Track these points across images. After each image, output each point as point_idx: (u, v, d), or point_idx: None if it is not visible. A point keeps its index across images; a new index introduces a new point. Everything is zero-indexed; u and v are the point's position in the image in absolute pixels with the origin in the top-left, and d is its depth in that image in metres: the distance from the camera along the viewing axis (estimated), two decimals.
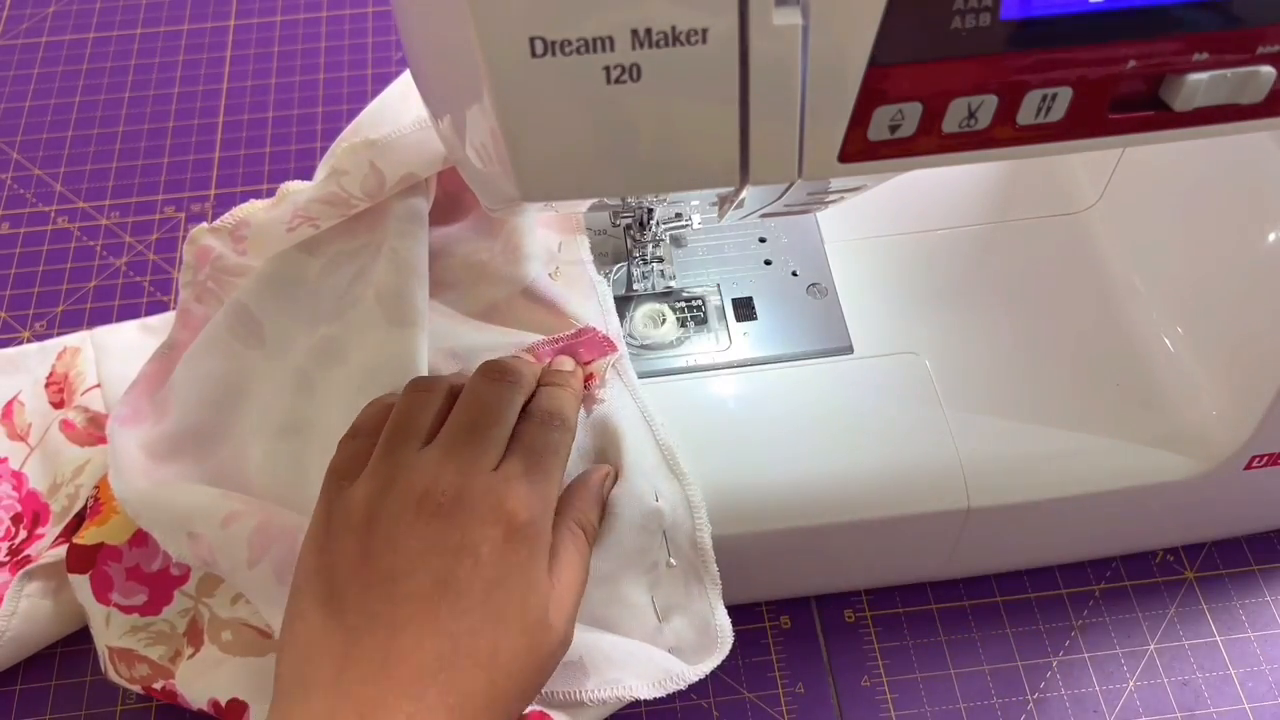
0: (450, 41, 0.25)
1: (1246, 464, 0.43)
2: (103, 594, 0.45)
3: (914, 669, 0.46)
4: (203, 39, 0.72)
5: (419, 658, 0.31)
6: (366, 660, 0.31)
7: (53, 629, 0.47)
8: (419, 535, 0.33)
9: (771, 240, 0.50)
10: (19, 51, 0.71)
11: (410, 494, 0.34)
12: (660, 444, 0.41)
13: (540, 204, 0.39)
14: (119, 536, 0.46)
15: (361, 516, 0.34)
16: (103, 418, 0.51)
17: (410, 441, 0.36)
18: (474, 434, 0.35)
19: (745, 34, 0.24)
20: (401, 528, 0.33)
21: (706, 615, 0.40)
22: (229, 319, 0.45)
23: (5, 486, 0.50)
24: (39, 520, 0.49)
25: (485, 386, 0.37)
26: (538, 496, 0.35)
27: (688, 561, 0.40)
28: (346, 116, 0.67)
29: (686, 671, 0.38)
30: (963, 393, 0.44)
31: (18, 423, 0.52)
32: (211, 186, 0.64)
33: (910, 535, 0.43)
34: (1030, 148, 0.27)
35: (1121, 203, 0.49)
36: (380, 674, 0.31)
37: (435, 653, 0.31)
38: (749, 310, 0.47)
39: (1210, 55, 0.25)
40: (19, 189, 0.64)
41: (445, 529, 0.33)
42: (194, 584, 0.46)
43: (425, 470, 0.34)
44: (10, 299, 0.59)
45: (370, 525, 0.34)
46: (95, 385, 0.53)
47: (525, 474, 0.35)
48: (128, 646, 0.45)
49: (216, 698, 0.42)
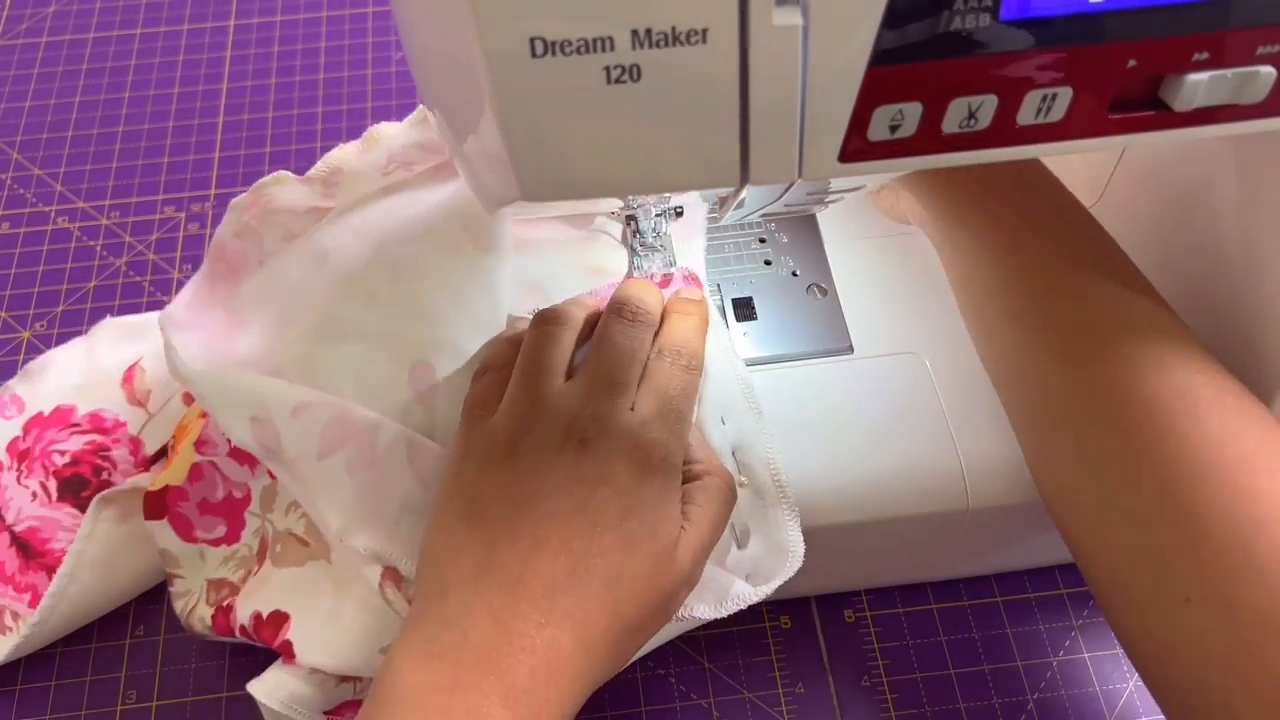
0: (450, 42, 0.25)
1: None
2: (187, 533, 0.46)
3: (914, 669, 0.46)
4: (203, 39, 0.72)
5: (552, 571, 0.34)
6: (503, 569, 0.34)
7: (130, 560, 0.47)
8: (561, 465, 0.35)
9: (771, 240, 0.50)
10: (19, 51, 0.71)
11: (554, 428, 0.36)
12: (739, 377, 0.43)
13: (540, 204, 0.39)
14: (179, 476, 0.46)
15: (505, 446, 0.36)
16: None
17: (547, 377, 0.38)
18: (612, 376, 0.38)
19: (745, 34, 0.24)
20: (545, 457, 0.36)
21: (779, 536, 0.40)
22: (302, 257, 0.44)
23: (123, 451, 0.51)
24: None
25: (618, 328, 0.39)
26: (672, 436, 0.37)
27: (761, 485, 0.41)
28: (346, 116, 0.67)
29: (749, 592, 0.39)
30: (963, 393, 0.44)
31: (138, 388, 0.53)
32: (211, 186, 0.64)
33: (910, 535, 0.43)
34: (1030, 148, 0.27)
35: (1121, 203, 0.49)
36: (515, 582, 0.33)
37: (567, 568, 0.34)
38: (749, 310, 0.47)
39: (1210, 55, 0.25)
40: (19, 189, 0.64)
41: (585, 461, 0.35)
42: (256, 501, 0.46)
43: (567, 407, 0.37)
44: (10, 299, 0.60)
45: (513, 453, 0.36)
46: None
47: (659, 414, 0.37)
48: (223, 576, 0.45)
49: (259, 610, 0.42)
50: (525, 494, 0.35)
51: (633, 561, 0.34)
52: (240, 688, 0.41)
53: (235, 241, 0.46)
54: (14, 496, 0.50)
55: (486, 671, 0.32)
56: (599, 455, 0.35)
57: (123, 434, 0.52)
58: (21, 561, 0.48)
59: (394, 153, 0.44)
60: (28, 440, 0.51)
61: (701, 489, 0.38)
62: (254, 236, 0.46)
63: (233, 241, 0.46)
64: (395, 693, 0.32)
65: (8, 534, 0.49)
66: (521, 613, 0.33)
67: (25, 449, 0.51)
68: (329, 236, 0.45)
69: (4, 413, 0.52)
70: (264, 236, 0.46)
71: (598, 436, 0.36)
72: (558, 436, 0.36)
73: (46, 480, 0.50)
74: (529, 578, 0.34)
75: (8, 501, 0.50)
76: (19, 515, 0.49)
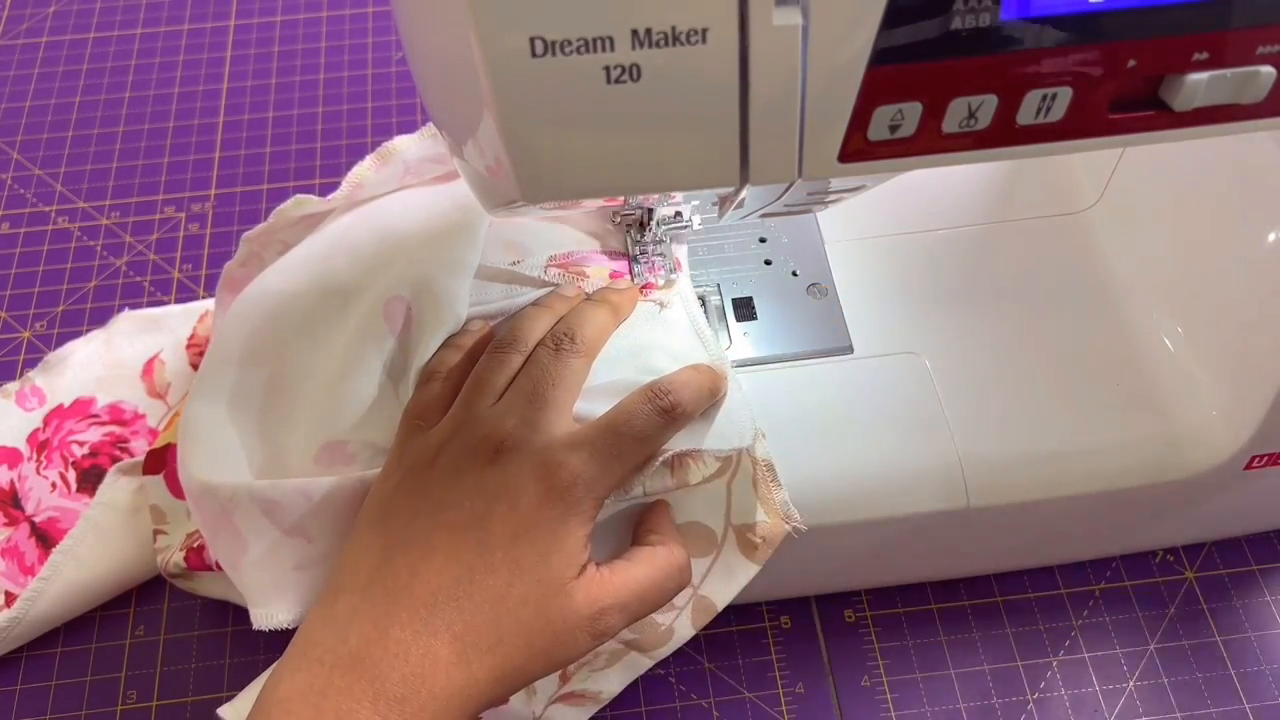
0: (450, 42, 0.25)
1: (1246, 464, 0.43)
2: (177, 490, 0.46)
3: (914, 669, 0.46)
4: (203, 39, 0.72)
5: (439, 582, 0.33)
6: (394, 576, 0.34)
7: (134, 528, 0.48)
8: (470, 475, 0.35)
9: (771, 240, 0.50)
10: (19, 51, 0.71)
11: (472, 438, 0.36)
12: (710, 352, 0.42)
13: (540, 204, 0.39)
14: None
15: (429, 457, 0.37)
16: None
17: (486, 397, 0.38)
18: (536, 393, 0.37)
19: (745, 34, 0.24)
20: (458, 466, 0.36)
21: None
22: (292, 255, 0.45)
23: (142, 443, 0.52)
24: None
25: (547, 355, 0.39)
26: (592, 467, 0.35)
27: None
28: (346, 116, 0.67)
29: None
30: (963, 393, 0.44)
31: (158, 381, 0.54)
32: (211, 186, 0.64)
33: (910, 535, 0.43)
34: (1030, 148, 0.27)
35: (1121, 203, 0.49)
36: (402, 590, 0.33)
37: (454, 580, 0.33)
38: (749, 310, 0.47)
39: (1210, 55, 0.25)
40: (19, 189, 0.64)
41: (491, 472, 0.35)
42: None
43: (490, 421, 0.37)
44: (10, 299, 0.59)
45: (434, 464, 0.36)
46: None
47: (527, 403, 0.37)
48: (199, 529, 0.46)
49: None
50: (430, 503, 0.35)
51: (518, 585, 0.34)
52: (240, 688, 0.41)
53: (240, 270, 0.47)
54: (34, 487, 0.51)
55: (359, 676, 0.32)
56: (506, 468, 0.35)
57: (141, 426, 0.52)
58: (41, 551, 0.49)
59: (409, 164, 0.45)
60: (48, 431, 0.52)
61: (644, 551, 0.37)
62: (257, 261, 0.47)
63: (238, 270, 0.47)
64: (274, 695, 0.32)
65: (28, 524, 0.50)
66: (401, 620, 0.33)
67: (45, 440, 0.52)
68: (322, 233, 0.45)
69: (24, 404, 0.53)
70: (265, 258, 0.47)
71: (510, 450, 0.35)
72: (473, 446, 0.36)
73: (66, 471, 0.51)
74: (415, 586, 0.33)
75: (28, 492, 0.51)
76: (39, 506, 0.50)
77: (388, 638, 0.32)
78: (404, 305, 0.41)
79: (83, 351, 0.55)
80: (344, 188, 0.46)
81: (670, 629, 0.40)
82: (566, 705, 0.41)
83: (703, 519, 0.40)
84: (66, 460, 0.51)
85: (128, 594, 0.49)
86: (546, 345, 0.39)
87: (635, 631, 0.40)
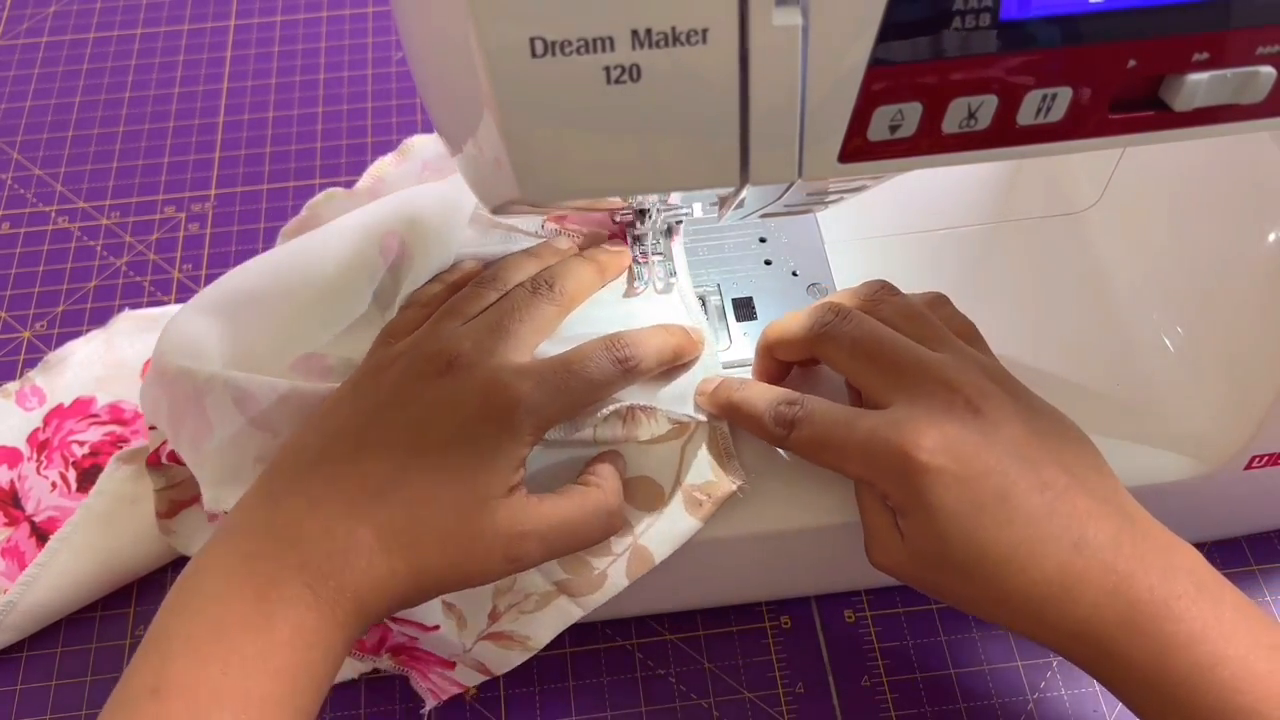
0: (450, 42, 0.25)
1: (1246, 464, 0.43)
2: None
3: (914, 669, 0.46)
4: (203, 39, 0.72)
5: (372, 474, 0.35)
6: (330, 464, 0.35)
7: (134, 516, 0.48)
8: (420, 382, 0.37)
9: (771, 240, 0.50)
10: (19, 51, 0.71)
11: (428, 352, 0.37)
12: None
13: (540, 205, 0.39)
14: None
15: (385, 365, 0.38)
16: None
17: (454, 322, 0.39)
18: (499, 322, 0.38)
19: (745, 34, 0.24)
20: (408, 376, 0.37)
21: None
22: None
23: (141, 443, 0.52)
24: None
25: (522, 294, 0.40)
26: (538, 394, 0.36)
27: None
28: (346, 116, 0.67)
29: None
30: None
31: None
32: (211, 186, 0.64)
33: None
34: (1030, 148, 0.27)
35: (1121, 203, 0.49)
36: (336, 476, 0.35)
37: (387, 475, 0.35)
38: (749, 310, 0.47)
39: (1210, 55, 0.25)
40: (19, 189, 0.64)
41: (441, 386, 0.36)
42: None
43: (448, 340, 0.38)
44: (10, 299, 0.60)
45: (387, 370, 0.38)
46: None
47: (488, 331, 0.38)
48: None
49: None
50: (376, 404, 0.37)
51: (446, 490, 0.35)
52: None
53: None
54: (34, 486, 0.51)
55: (289, 547, 0.33)
56: (453, 383, 0.36)
57: (142, 425, 0.52)
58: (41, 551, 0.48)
59: (427, 160, 0.46)
60: (48, 431, 0.53)
61: (576, 489, 0.38)
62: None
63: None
64: (200, 561, 0.34)
65: (28, 524, 0.50)
66: (331, 503, 0.34)
67: (45, 440, 0.52)
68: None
69: (25, 404, 0.53)
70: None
71: (461, 368, 0.36)
72: (426, 358, 0.37)
73: (66, 471, 0.51)
74: (348, 473, 0.35)
75: (28, 491, 0.51)
76: (39, 505, 0.50)
77: (315, 517, 0.34)
78: (398, 240, 0.42)
79: (83, 351, 0.55)
80: (365, 180, 0.47)
81: (604, 574, 0.40)
82: (495, 644, 0.41)
83: (654, 475, 0.41)
84: (67, 460, 0.52)
85: (128, 593, 0.49)
86: (524, 286, 0.40)
87: (567, 572, 0.40)
